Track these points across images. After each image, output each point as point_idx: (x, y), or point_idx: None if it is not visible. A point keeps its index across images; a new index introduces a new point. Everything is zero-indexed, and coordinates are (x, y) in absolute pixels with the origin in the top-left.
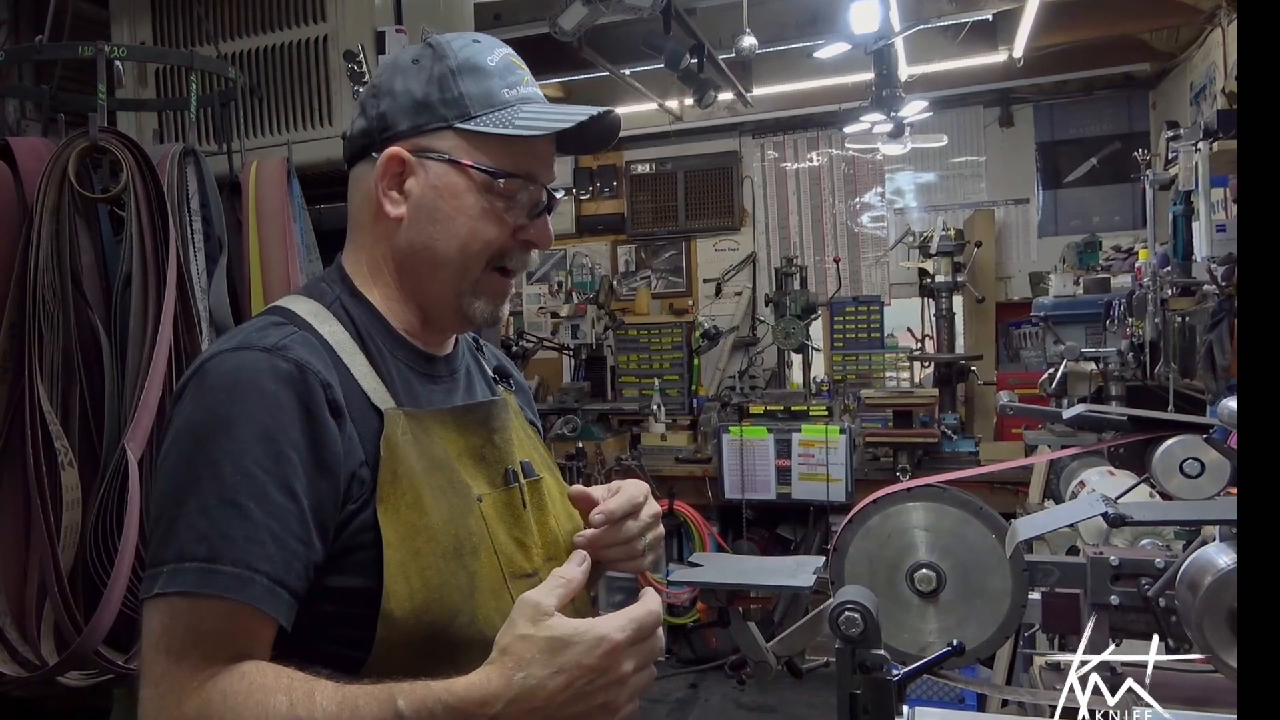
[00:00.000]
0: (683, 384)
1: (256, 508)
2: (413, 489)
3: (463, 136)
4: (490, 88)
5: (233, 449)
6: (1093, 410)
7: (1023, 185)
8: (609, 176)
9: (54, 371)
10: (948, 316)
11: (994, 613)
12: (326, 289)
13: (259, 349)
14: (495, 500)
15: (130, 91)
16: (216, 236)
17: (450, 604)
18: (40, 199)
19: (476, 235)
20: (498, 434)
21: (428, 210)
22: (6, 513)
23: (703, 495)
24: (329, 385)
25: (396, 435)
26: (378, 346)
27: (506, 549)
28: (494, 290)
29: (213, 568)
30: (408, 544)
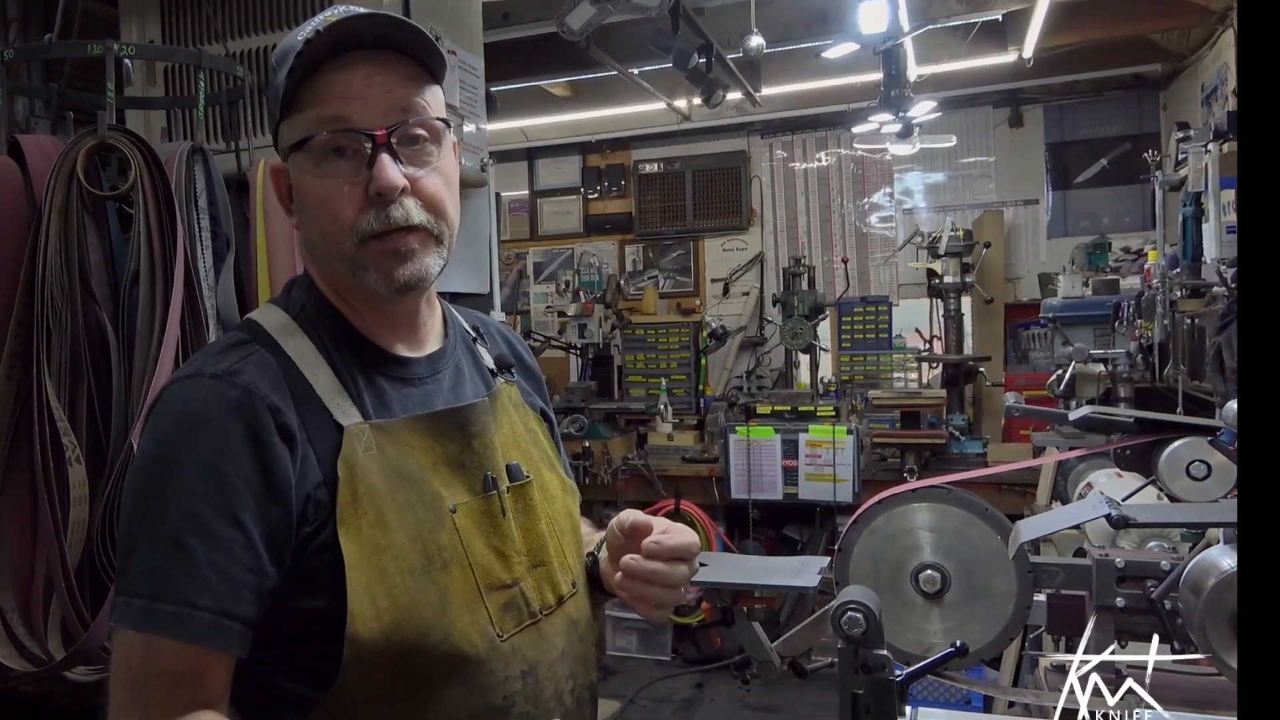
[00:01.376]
0: (690, 384)
1: (199, 544)
2: (375, 507)
3: (286, 124)
4: (288, 67)
5: (178, 486)
6: (1100, 412)
7: (1032, 186)
8: (617, 176)
9: (62, 368)
10: (956, 317)
11: (999, 614)
12: (296, 297)
13: (208, 376)
14: (471, 510)
15: (139, 90)
16: (224, 234)
17: (421, 622)
18: (49, 197)
19: (328, 214)
20: (476, 439)
21: (300, 207)
22: (14, 508)
23: (709, 495)
24: (277, 409)
25: (357, 453)
26: (344, 357)
27: (483, 560)
28: (379, 258)
29: (154, 606)
30: (372, 563)
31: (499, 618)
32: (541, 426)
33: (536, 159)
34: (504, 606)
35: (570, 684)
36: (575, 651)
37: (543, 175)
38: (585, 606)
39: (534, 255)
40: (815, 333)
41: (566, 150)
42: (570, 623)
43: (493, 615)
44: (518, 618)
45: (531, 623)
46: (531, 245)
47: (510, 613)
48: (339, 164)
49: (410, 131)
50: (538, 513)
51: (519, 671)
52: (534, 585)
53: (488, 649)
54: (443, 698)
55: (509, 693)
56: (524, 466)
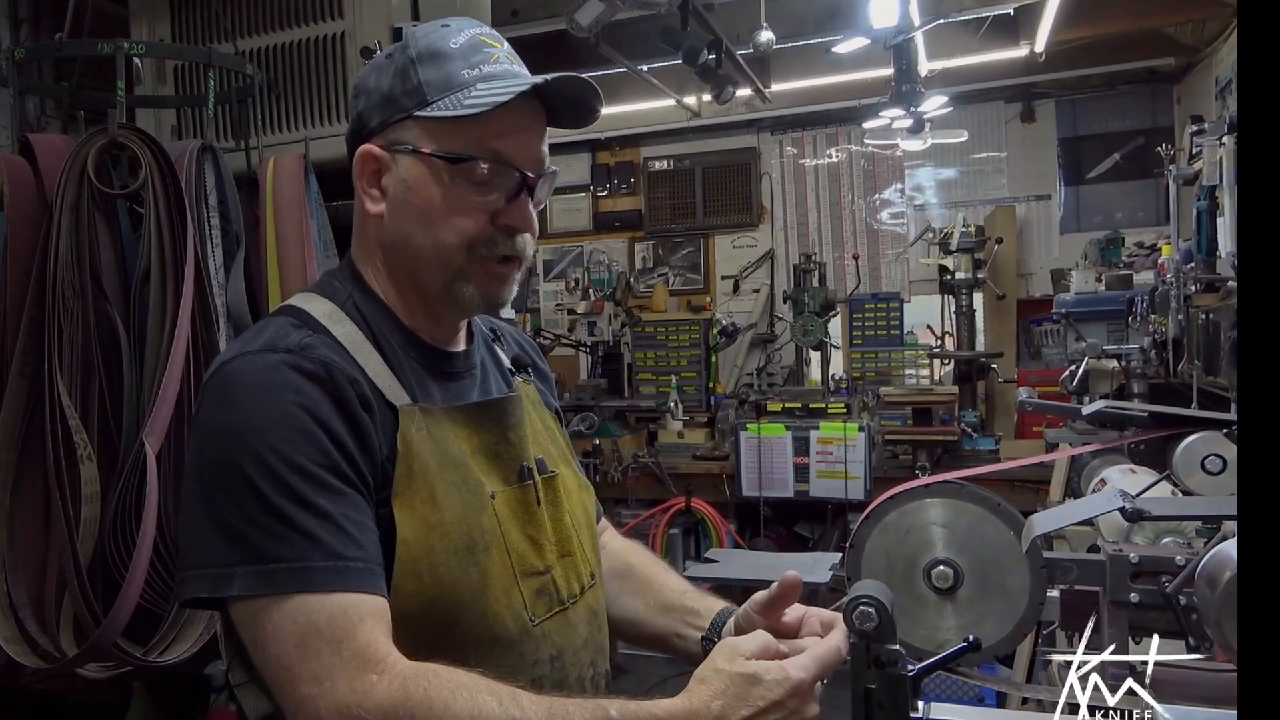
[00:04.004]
0: (700, 381)
1: (327, 500)
2: (427, 485)
3: (422, 125)
4: (450, 70)
5: (281, 446)
6: (1113, 407)
7: (1044, 181)
8: (626, 173)
9: (73, 366)
10: (968, 313)
11: (1012, 610)
12: (339, 287)
13: (283, 350)
14: (509, 498)
15: (149, 88)
16: (234, 232)
17: (459, 601)
18: (60, 195)
19: (449, 225)
20: (512, 430)
21: (401, 204)
22: (27, 506)
23: (720, 493)
24: (356, 381)
25: (411, 431)
26: (391, 345)
27: (519, 547)
28: (484, 277)
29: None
30: (422, 540)
31: (532, 603)
32: (557, 424)
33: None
34: (537, 592)
35: (591, 671)
36: (595, 640)
37: None
38: (603, 599)
39: (544, 253)
40: (826, 329)
41: (576, 147)
42: (591, 612)
43: (526, 600)
44: (549, 604)
45: (560, 610)
46: (541, 243)
47: (542, 599)
48: (475, 187)
49: (544, 181)
50: (563, 506)
51: (548, 656)
52: (563, 574)
53: (520, 632)
54: None
55: (538, 675)
56: (547, 461)
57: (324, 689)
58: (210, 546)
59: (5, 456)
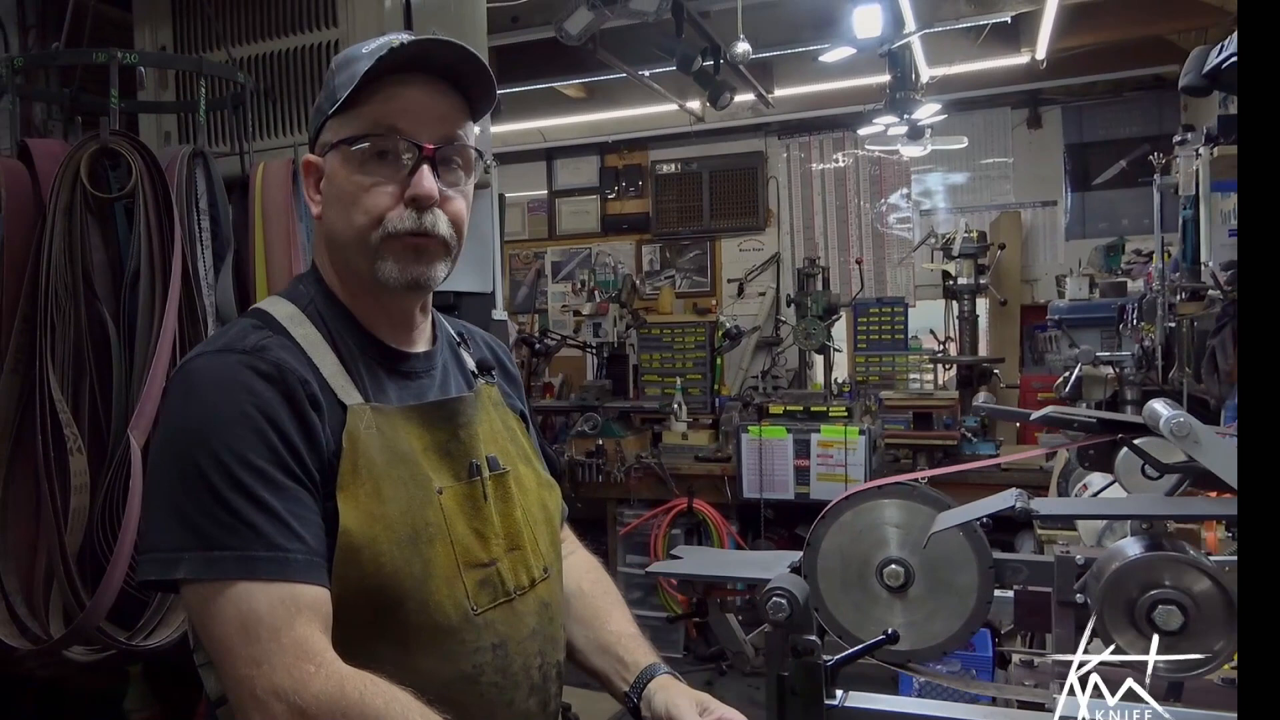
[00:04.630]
0: (705, 383)
1: (272, 495)
2: (373, 479)
3: (333, 121)
4: (355, 69)
5: (233, 442)
6: (1059, 412)
7: (1050, 187)
8: (634, 176)
9: (65, 362)
10: (970, 319)
11: (961, 608)
12: (304, 290)
13: (239, 351)
14: (456, 493)
15: (151, 94)
16: (224, 235)
17: (401, 588)
18: (53, 198)
19: (361, 207)
20: (463, 429)
21: (329, 199)
22: (19, 496)
23: (722, 494)
24: (306, 381)
25: (359, 429)
26: (348, 346)
27: (464, 539)
28: (400, 253)
29: (250, 555)
30: (365, 530)
31: (475, 593)
32: (520, 425)
33: (555, 159)
34: (480, 583)
35: (539, 660)
36: (545, 631)
37: (561, 175)
38: (557, 591)
39: (552, 255)
40: (829, 333)
41: (584, 150)
42: (541, 604)
43: (469, 590)
44: (493, 595)
45: (505, 601)
46: (550, 245)
47: (486, 589)
48: (382, 166)
49: (451, 154)
50: (514, 501)
51: (490, 644)
52: (510, 567)
53: (461, 620)
54: (417, 663)
55: (479, 663)
56: (502, 460)
57: (262, 672)
58: (164, 533)
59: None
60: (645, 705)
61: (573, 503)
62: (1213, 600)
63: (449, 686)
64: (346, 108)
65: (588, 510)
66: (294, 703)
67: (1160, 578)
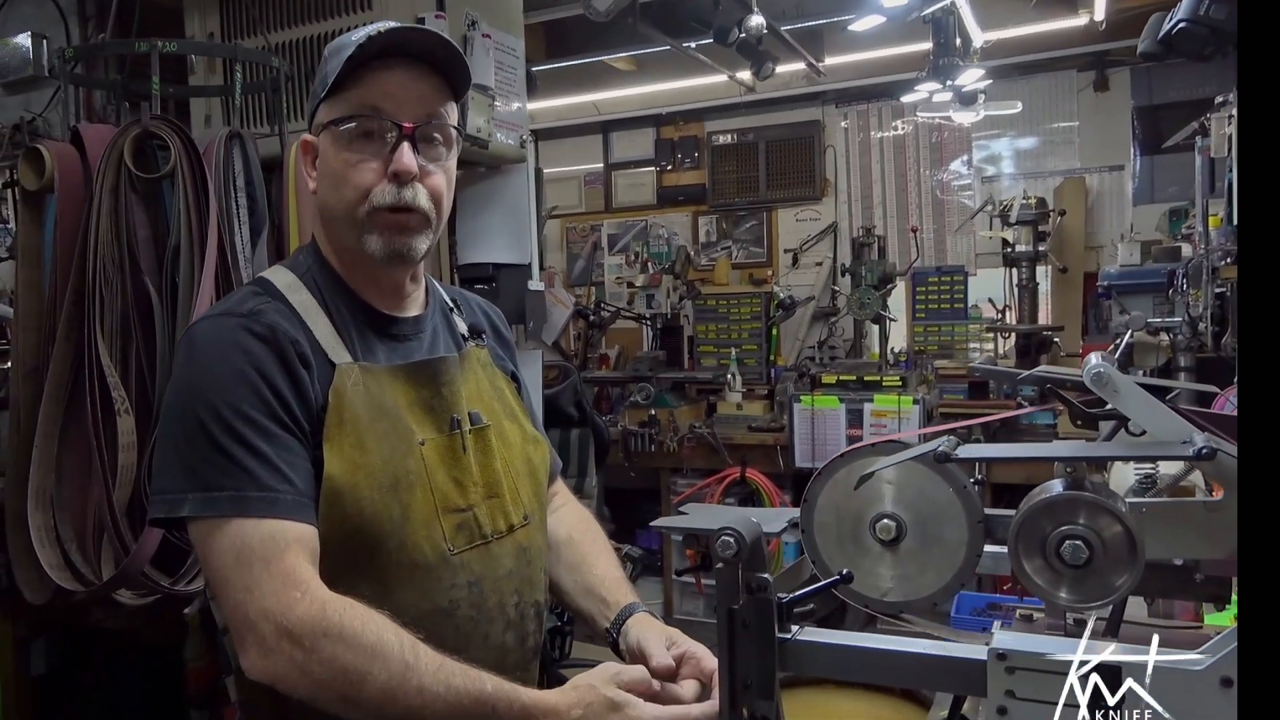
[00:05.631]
0: (761, 354)
1: (264, 443)
2: (356, 432)
3: (324, 104)
4: (342, 57)
5: (229, 396)
6: (1049, 372)
7: (1118, 151)
8: (690, 148)
9: (113, 331)
10: (1029, 287)
11: (950, 561)
12: (303, 260)
13: (237, 315)
14: (437, 444)
15: (201, 79)
16: (260, 212)
17: (381, 530)
18: (100, 179)
19: (348, 183)
20: (445, 387)
21: (322, 176)
22: (72, 453)
23: (774, 463)
24: (297, 341)
25: (346, 386)
26: (341, 312)
27: (443, 487)
28: (383, 228)
29: (242, 495)
30: (348, 477)
31: (452, 535)
32: (509, 385)
33: (611, 132)
34: (457, 527)
35: (515, 599)
36: (523, 573)
37: (617, 148)
38: (537, 538)
39: (608, 227)
40: (884, 303)
41: (640, 123)
42: (520, 549)
43: (446, 533)
44: (469, 537)
45: (482, 543)
46: (606, 218)
47: (463, 532)
48: (367, 144)
49: (430, 132)
50: (494, 454)
51: (465, 581)
52: (487, 513)
53: (438, 559)
54: (396, 597)
55: (455, 598)
56: (485, 415)
57: (253, 597)
58: (170, 477)
59: (53, 409)
60: (622, 640)
61: (625, 472)
62: (1118, 539)
63: (426, 618)
64: (336, 92)
65: (641, 479)
66: (281, 624)
67: (1072, 516)
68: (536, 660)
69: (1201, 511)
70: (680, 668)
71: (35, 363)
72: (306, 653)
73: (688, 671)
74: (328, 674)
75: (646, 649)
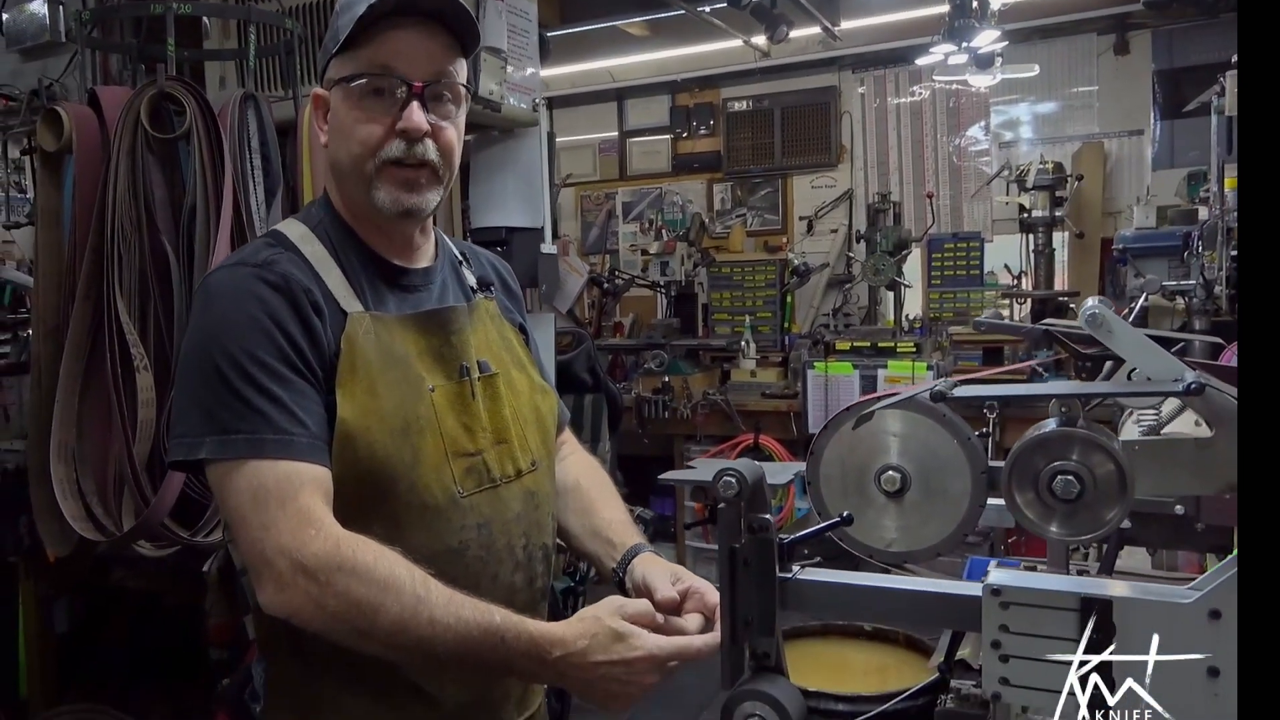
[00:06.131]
0: (775, 321)
1: (279, 388)
2: (368, 378)
3: (336, 60)
4: (354, 14)
5: (245, 343)
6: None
7: (1137, 116)
8: (705, 115)
9: (131, 290)
10: (1045, 252)
11: (954, 513)
12: (315, 213)
13: (251, 265)
14: (447, 391)
15: (216, 43)
16: (275, 172)
17: (393, 472)
18: (117, 140)
19: (357, 138)
20: (455, 335)
21: (332, 131)
22: (93, 409)
23: (788, 430)
24: (309, 290)
25: (358, 333)
26: (352, 263)
27: (452, 432)
28: (391, 182)
29: (259, 437)
30: (360, 421)
31: (461, 478)
32: (517, 337)
33: (625, 99)
34: (467, 470)
35: (523, 541)
36: (531, 517)
37: (632, 116)
38: (545, 483)
39: (623, 195)
40: (899, 269)
41: (655, 90)
42: (527, 493)
43: (456, 476)
44: (478, 480)
45: (490, 487)
46: (621, 185)
47: (472, 476)
48: (378, 102)
49: (440, 90)
50: (503, 401)
51: (475, 523)
52: (495, 457)
53: (448, 502)
54: (408, 538)
55: (465, 539)
56: (493, 364)
57: (270, 535)
58: (188, 421)
59: (74, 366)
60: (628, 578)
61: (639, 439)
62: (1109, 475)
63: (437, 558)
64: (347, 48)
65: (654, 446)
66: (296, 559)
67: (1066, 452)
68: (545, 602)
69: (1192, 449)
70: (684, 602)
71: (56, 321)
72: (321, 587)
73: (691, 606)
74: (342, 607)
75: (651, 584)
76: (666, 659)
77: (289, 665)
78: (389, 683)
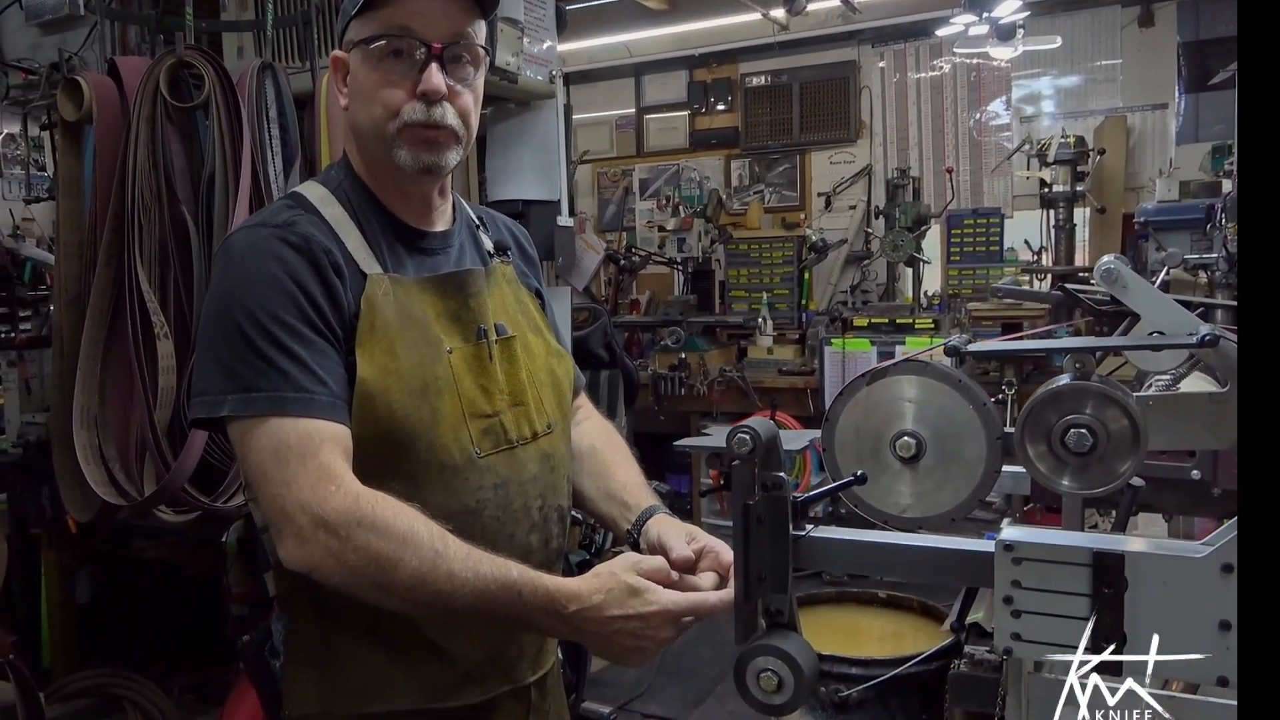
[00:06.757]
0: (793, 298)
1: (301, 347)
2: (387, 339)
3: (356, 22)
4: None
5: (266, 302)
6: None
7: (1161, 89)
8: (723, 90)
9: (151, 257)
10: (1066, 228)
11: (968, 478)
12: (334, 175)
13: (272, 226)
14: (465, 353)
15: (233, 14)
16: (293, 142)
17: (412, 431)
18: (137, 109)
19: (378, 100)
20: (472, 298)
21: (353, 93)
22: (115, 375)
23: (804, 406)
24: (330, 251)
25: (377, 295)
26: (372, 225)
27: (470, 393)
28: (412, 142)
29: (280, 395)
30: (379, 381)
31: (478, 439)
32: (534, 301)
33: (643, 75)
34: (484, 431)
35: (539, 502)
36: (547, 479)
37: (649, 91)
38: (560, 446)
39: (640, 172)
40: (918, 245)
41: (672, 65)
42: (543, 455)
43: (473, 436)
44: (495, 441)
45: (508, 448)
46: (638, 162)
47: (489, 437)
48: (397, 63)
49: (459, 52)
50: (520, 364)
51: (491, 484)
52: (512, 419)
53: (465, 462)
54: (426, 496)
55: (482, 499)
56: (510, 327)
57: (290, 490)
58: (210, 379)
59: (96, 333)
60: (643, 538)
61: (655, 415)
62: (1122, 429)
63: (454, 517)
64: (366, 9)
65: (670, 423)
66: (316, 514)
67: (1079, 405)
68: (559, 564)
69: (1206, 403)
70: (699, 560)
71: (77, 290)
72: (341, 541)
73: (706, 564)
74: (361, 561)
75: (666, 542)
76: (681, 614)
77: (309, 621)
78: (407, 640)
